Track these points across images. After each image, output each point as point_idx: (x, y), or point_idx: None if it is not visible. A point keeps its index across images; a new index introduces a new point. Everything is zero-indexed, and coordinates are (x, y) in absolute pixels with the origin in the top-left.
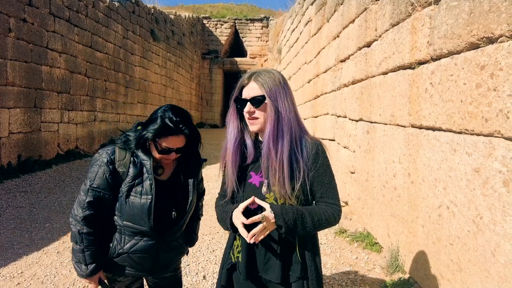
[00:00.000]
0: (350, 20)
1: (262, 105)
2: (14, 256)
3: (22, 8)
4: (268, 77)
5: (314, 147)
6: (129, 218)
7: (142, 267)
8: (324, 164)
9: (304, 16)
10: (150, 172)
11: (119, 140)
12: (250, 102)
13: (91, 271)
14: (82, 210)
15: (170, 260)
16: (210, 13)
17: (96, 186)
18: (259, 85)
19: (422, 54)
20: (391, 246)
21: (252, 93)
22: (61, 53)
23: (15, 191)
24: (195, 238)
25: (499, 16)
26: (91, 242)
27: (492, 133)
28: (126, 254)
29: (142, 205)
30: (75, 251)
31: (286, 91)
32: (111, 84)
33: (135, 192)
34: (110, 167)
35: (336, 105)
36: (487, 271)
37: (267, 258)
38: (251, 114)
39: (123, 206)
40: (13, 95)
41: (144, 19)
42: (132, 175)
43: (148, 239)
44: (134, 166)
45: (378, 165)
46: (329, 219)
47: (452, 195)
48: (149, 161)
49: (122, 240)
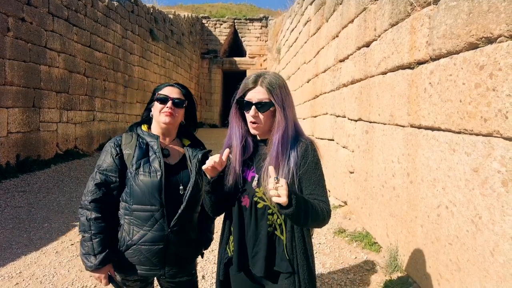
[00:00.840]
0: (349, 20)
1: (268, 111)
2: (13, 256)
3: (20, 8)
4: (274, 82)
5: (304, 145)
6: (139, 200)
7: (151, 263)
8: (313, 161)
9: (303, 16)
10: (158, 151)
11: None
12: (255, 106)
13: (99, 261)
14: (90, 194)
15: (182, 257)
16: (209, 13)
17: (103, 169)
18: (265, 90)
19: (421, 54)
20: (390, 245)
21: (257, 97)
22: (60, 52)
23: (13, 190)
24: (210, 237)
25: (498, 16)
26: (100, 229)
27: (491, 133)
28: (135, 245)
29: (152, 182)
30: (83, 241)
31: (289, 96)
32: (110, 84)
33: (144, 171)
34: (117, 149)
35: (335, 105)
36: (486, 270)
37: (255, 251)
38: (255, 118)
39: (132, 187)
40: (11, 95)
41: (143, 18)
42: (139, 155)
43: (157, 229)
44: (140, 148)
45: (377, 165)
46: (323, 213)
47: (451, 195)
48: (156, 141)
49: (130, 231)
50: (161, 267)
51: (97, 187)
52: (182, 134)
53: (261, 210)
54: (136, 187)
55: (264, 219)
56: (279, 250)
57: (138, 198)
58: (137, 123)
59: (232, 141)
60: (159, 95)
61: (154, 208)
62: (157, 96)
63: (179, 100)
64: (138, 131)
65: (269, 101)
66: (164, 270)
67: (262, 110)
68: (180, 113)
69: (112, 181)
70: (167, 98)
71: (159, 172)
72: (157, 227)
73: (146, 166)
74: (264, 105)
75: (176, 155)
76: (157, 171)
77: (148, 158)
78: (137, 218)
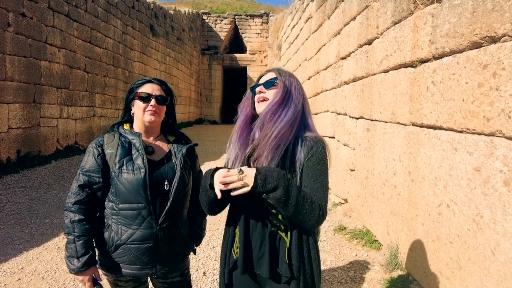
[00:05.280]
0: (351, 17)
1: (273, 86)
2: (15, 252)
3: (21, 3)
4: (285, 70)
5: (312, 141)
6: (125, 198)
7: (142, 262)
8: (318, 157)
9: (305, 13)
10: (141, 148)
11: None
12: (262, 85)
13: (83, 264)
14: (74, 196)
15: (173, 254)
16: (209, 9)
17: (86, 170)
18: (275, 73)
19: (424, 52)
20: (391, 243)
21: (266, 78)
22: (60, 48)
23: (14, 186)
24: (202, 234)
25: (502, 15)
26: (83, 231)
27: (493, 132)
28: (124, 245)
29: (136, 179)
30: (67, 244)
31: (300, 87)
32: (110, 80)
33: (127, 169)
34: (99, 150)
35: (337, 102)
36: (486, 269)
37: (262, 252)
38: (261, 94)
39: (117, 186)
40: (12, 90)
41: (143, 14)
42: (121, 154)
43: (145, 227)
44: (122, 147)
45: (378, 163)
46: (314, 207)
47: (452, 193)
48: (138, 138)
49: (119, 231)
50: (152, 265)
51: (81, 188)
52: (166, 130)
53: (266, 208)
54: (121, 186)
55: (270, 218)
56: (281, 252)
57: (124, 197)
58: (118, 123)
59: (237, 121)
60: (141, 93)
61: (140, 206)
62: (139, 95)
63: (161, 97)
64: (120, 130)
65: (275, 77)
66: (155, 269)
67: (268, 86)
68: (163, 110)
69: (96, 182)
70: (149, 96)
71: (143, 169)
72: (145, 225)
73: (130, 164)
74: (270, 82)
75: (161, 151)
76: (141, 168)
77: (131, 156)
78: (124, 217)
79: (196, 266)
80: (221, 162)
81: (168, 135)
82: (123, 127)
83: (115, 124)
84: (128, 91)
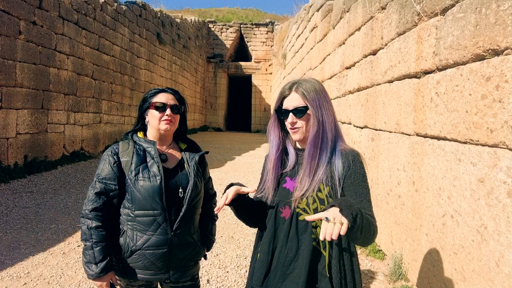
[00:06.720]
0: (356, 27)
1: (305, 115)
2: (21, 256)
3: (32, 11)
4: (309, 87)
5: (350, 156)
6: (140, 205)
7: (156, 267)
8: (361, 173)
9: (310, 22)
10: (156, 156)
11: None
12: (292, 113)
13: (101, 269)
14: (91, 203)
15: (186, 260)
16: (215, 17)
17: (102, 178)
18: (300, 95)
19: (427, 63)
20: (395, 253)
21: (294, 104)
22: (68, 55)
23: (21, 191)
24: (212, 239)
25: (505, 29)
26: (101, 237)
27: (497, 144)
28: (140, 250)
29: (152, 187)
30: (84, 250)
31: (327, 100)
32: (117, 87)
33: (143, 177)
34: (115, 158)
35: (341, 111)
36: (491, 281)
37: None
38: (294, 125)
39: (133, 193)
40: (21, 96)
41: (150, 22)
42: (137, 162)
43: (160, 233)
44: (137, 154)
45: (383, 172)
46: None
47: (456, 204)
48: (153, 146)
49: (134, 237)
50: (166, 270)
51: (97, 195)
52: (178, 137)
53: (303, 222)
54: (137, 193)
55: (307, 233)
56: (320, 267)
57: (140, 204)
58: (132, 131)
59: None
60: (157, 103)
61: (156, 212)
62: (155, 104)
63: (176, 106)
64: (134, 138)
65: (305, 106)
66: (169, 274)
67: (299, 116)
68: (178, 119)
69: (112, 189)
70: (165, 106)
71: (159, 176)
72: (160, 231)
73: (145, 172)
74: (301, 110)
75: (174, 159)
76: (157, 176)
77: (146, 163)
78: (140, 224)
79: (200, 273)
80: (226, 169)
81: (180, 143)
82: (137, 135)
83: (129, 132)
84: (142, 100)
